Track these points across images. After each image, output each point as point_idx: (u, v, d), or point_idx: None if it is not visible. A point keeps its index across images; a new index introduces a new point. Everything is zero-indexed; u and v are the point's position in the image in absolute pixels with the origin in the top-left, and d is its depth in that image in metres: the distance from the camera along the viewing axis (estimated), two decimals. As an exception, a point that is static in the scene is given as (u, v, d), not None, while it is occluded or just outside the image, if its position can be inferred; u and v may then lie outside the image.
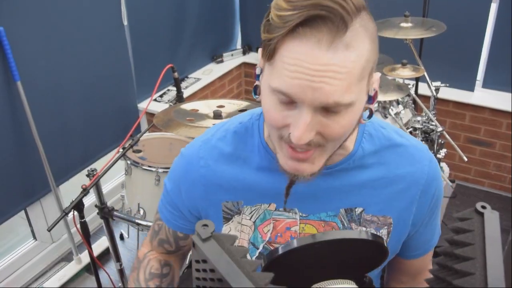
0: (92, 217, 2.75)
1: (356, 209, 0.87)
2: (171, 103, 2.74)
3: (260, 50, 0.76)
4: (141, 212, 2.07)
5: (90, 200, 2.77)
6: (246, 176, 0.89)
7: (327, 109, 0.69)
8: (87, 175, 1.86)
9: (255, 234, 0.92)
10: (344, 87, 0.66)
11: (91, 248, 1.91)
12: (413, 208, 0.90)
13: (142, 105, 3.04)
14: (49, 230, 1.71)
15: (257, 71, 0.78)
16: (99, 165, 2.66)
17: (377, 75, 0.76)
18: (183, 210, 0.98)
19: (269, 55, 0.69)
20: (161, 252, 1.08)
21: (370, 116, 0.79)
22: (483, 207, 0.63)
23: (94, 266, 2.02)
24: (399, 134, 0.90)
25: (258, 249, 0.93)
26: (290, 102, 0.70)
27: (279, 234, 0.91)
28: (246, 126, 0.91)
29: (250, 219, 0.91)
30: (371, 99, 0.76)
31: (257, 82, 0.79)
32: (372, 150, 0.87)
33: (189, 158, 0.94)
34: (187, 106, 2.00)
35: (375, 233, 0.88)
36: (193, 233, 0.97)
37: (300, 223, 0.89)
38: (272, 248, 0.91)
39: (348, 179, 0.86)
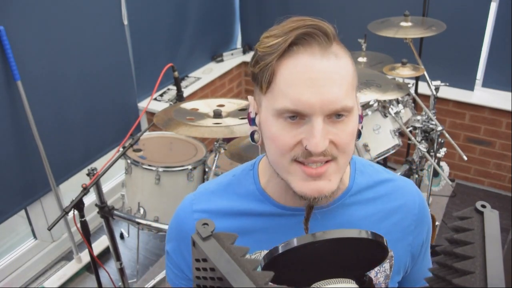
0: (92, 216, 2.75)
1: None
2: (171, 102, 2.74)
3: (251, 98, 0.83)
4: (141, 211, 2.07)
5: (90, 199, 2.77)
6: (243, 224, 0.88)
7: (333, 119, 0.73)
8: (87, 174, 1.86)
9: None
10: (344, 92, 0.73)
11: (91, 247, 1.91)
12: (410, 239, 0.92)
13: (142, 104, 3.04)
14: (49, 229, 1.71)
15: (252, 115, 0.82)
16: (99, 164, 2.67)
17: (358, 97, 0.81)
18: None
19: (268, 82, 0.74)
20: None
21: (359, 136, 0.82)
22: (483, 206, 0.63)
23: (94, 265, 2.02)
24: (386, 170, 0.94)
25: None
26: (297, 121, 0.73)
27: None
28: (239, 178, 0.92)
29: None
30: (359, 118, 0.80)
31: (252, 128, 0.83)
32: (366, 186, 0.89)
33: (182, 214, 0.93)
34: (187, 105, 2.00)
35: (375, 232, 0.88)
36: None
37: None
38: None
39: (347, 216, 0.86)
